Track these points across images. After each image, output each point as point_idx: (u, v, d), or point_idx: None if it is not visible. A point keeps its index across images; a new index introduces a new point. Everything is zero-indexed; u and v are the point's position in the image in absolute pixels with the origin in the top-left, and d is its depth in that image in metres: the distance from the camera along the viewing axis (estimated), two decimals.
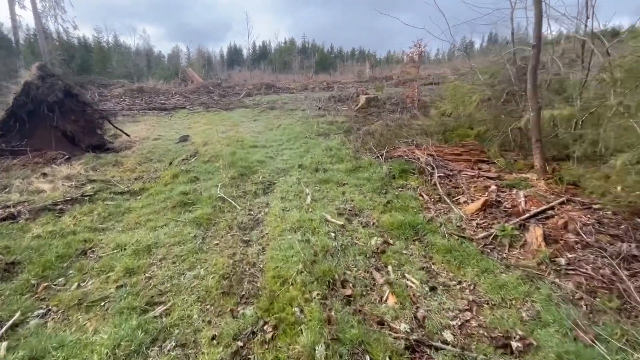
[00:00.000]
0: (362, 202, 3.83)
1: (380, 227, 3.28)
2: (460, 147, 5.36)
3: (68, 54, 37.41)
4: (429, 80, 13.88)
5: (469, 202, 3.46)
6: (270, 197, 4.26)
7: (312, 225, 3.28)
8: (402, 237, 3.04)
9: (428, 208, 3.53)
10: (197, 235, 3.23)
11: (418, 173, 4.50)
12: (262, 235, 3.28)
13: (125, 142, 7.81)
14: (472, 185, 3.83)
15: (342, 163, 5.34)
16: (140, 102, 14.46)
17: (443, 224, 3.13)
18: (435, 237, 2.98)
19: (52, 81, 6.18)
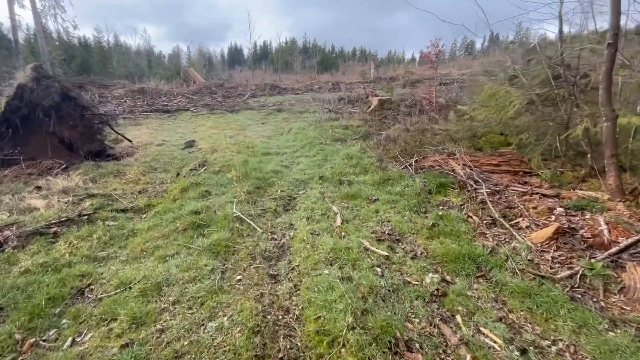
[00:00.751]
0: (402, 224, 3.33)
1: (431, 257, 2.77)
2: (497, 157, 4.85)
3: (68, 54, 36.93)
4: (438, 81, 13.37)
5: (532, 227, 2.96)
6: (292, 215, 3.75)
7: (350, 255, 2.77)
8: (461, 273, 2.54)
9: (483, 234, 3.02)
10: (215, 269, 2.72)
11: (459, 188, 3.99)
12: (292, 267, 2.77)
13: (127, 147, 7.32)
14: (528, 205, 3.32)
15: (367, 174, 4.83)
16: (142, 104, 13.96)
17: (510, 256, 2.62)
18: (504, 273, 2.48)
19: (48, 83, 5.67)
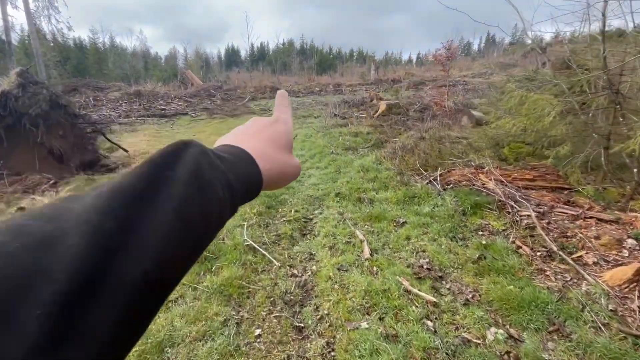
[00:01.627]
0: (440, 255, 2.89)
1: (486, 303, 2.33)
2: (531, 171, 4.42)
3: (62, 55, 36.31)
4: (447, 83, 12.97)
5: (602, 264, 2.52)
6: (311, 243, 3.30)
7: (390, 300, 2.32)
8: (529, 327, 2.09)
9: (541, 270, 2.58)
10: (228, 319, 2.26)
11: (497, 209, 3.55)
12: (320, 315, 2.31)
13: (123, 157, 6.83)
14: (587, 233, 2.89)
15: (388, 190, 4.39)
16: (138, 108, 13.45)
17: (585, 304, 2.18)
18: (584, 328, 2.03)
19: (35, 90, 5.19)
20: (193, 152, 0.27)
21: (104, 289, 0.18)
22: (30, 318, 0.16)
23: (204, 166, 0.27)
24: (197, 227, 0.25)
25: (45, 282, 0.17)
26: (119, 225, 0.20)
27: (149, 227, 0.21)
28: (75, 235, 0.19)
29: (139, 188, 0.23)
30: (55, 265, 0.17)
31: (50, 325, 0.16)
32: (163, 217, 0.22)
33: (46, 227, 0.19)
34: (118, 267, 0.19)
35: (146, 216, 0.22)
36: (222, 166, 0.29)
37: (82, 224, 0.19)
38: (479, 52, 61.96)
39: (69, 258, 0.18)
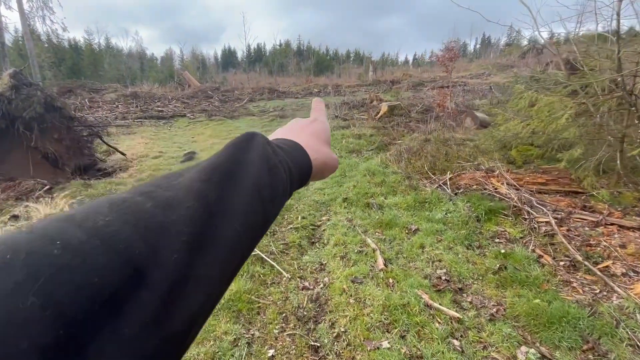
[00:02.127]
0: (458, 265, 2.75)
1: (512, 318, 2.19)
2: (542, 174, 4.31)
3: (57, 56, 35.88)
4: (449, 84, 12.90)
5: (631, 275, 2.40)
6: (321, 252, 3.15)
7: (411, 316, 2.18)
8: (561, 345, 1.96)
9: (567, 282, 2.45)
10: (238, 338, 2.11)
11: (512, 215, 3.43)
12: (336, 333, 2.16)
13: (120, 160, 6.65)
14: (611, 241, 2.77)
15: (396, 195, 4.26)
16: (135, 110, 13.24)
17: (619, 320, 2.05)
18: (619, 347, 1.91)
19: (28, 92, 5.00)
20: (260, 140, 0.32)
21: (212, 242, 0.23)
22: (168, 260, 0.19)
23: (269, 152, 0.32)
24: (267, 201, 0.29)
25: (175, 233, 0.21)
26: (218, 195, 0.25)
27: (237, 197, 0.26)
28: (190, 199, 0.23)
29: (227, 166, 0.28)
30: (179, 220, 0.21)
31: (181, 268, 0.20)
32: (246, 190, 0.27)
33: (166, 193, 0.23)
34: (219, 226, 0.24)
35: (234, 189, 0.26)
36: (282, 153, 0.34)
37: (192, 192, 0.24)
38: (475, 53, 62.25)
39: (189, 217, 0.22)
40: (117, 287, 0.17)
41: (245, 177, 0.28)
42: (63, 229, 0.18)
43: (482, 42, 70.24)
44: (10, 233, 0.18)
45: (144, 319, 0.18)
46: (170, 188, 0.24)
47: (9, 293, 0.15)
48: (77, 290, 0.16)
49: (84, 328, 0.15)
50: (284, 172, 0.32)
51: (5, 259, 0.16)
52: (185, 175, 0.26)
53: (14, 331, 0.14)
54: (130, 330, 0.17)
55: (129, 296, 0.17)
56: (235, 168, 0.28)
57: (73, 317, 0.15)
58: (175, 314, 0.19)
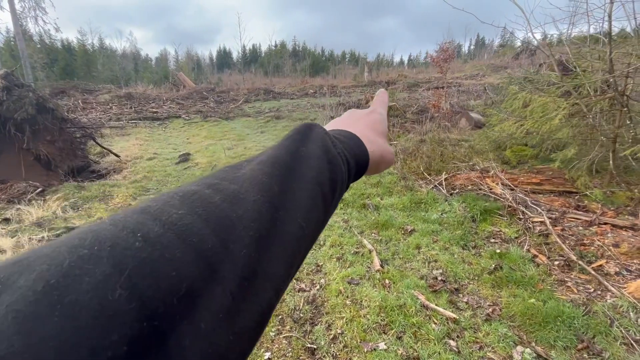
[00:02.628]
0: (454, 266, 2.76)
1: (508, 318, 2.20)
2: (537, 174, 4.35)
3: (50, 57, 35.49)
4: (443, 85, 12.96)
5: (624, 274, 2.42)
6: (317, 253, 3.14)
7: (408, 317, 2.18)
8: (557, 344, 1.97)
9: (562, 282, 2.47)
10: None
11: (507, 215, 3.45)
12: (333, 335, 2.16)
13: (114, 162, 6.58)
14: (604, 241, 2.79)
15: (392, 195, 4.27)
16: (129, 111, 13.12)
17: (614, 319, 2.07)
18: (614, 345, 1.92)
19: (20, 93, 4.93)
20: (318, 132, 0.31)
21: (278, 237, 0.22)
22: (238, 255, 0.19)
23: (329, 144, 0.31)
24: (328, 194, 0.29)
25: (243, 228, 0.21)
26: (281, 189, 0.24)
27: (299, 191, 0.25)
28: (255, 193, 0.23)
29: (288, 160, 0.27)
30: (246, 214, 0.21)
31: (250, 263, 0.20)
32: (307, 184, 0.27)
33: (232, 186, 0.23)
34: (284, 221, 0.23)
35: (297, 182, 0.26)
36: (340, 145, 0.33)
37: (256, 185, 0.24)
38: (470, 54, 62.70)
39: (256, 211, 0.22)
40: (192, 281, 0.17)
41: (306, 170, 0.27)
42: (141, 221, 0.18)
43: (477, 43, 70.79)
44: (93, 224, 0.18)
45: (218, 313, 0.17)
46: (235, 181, 0.24)
47: (99, 284, 0.15)
48: (158, 283, 0.16)
49: (164, 321, 0.15)
50: (343, 165, 0.32)
51: (93, 250, 0.16)
52: (246, 167, 0.26)
53: (106, 323, 0.14)
54: (205, 325, 0.17)
55: (203, 290, 0.17)
56: (296, 161, 0.27)
57: (154, 309, 0.15)
58: (246, 310, 0.19)
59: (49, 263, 0.15)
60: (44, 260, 0.15)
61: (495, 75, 17.96)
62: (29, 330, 0.13)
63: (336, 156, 0.31)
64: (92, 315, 0.14)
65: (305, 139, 0.30)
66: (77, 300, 0.14)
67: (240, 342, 0.19)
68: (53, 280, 0.14)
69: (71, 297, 0.14)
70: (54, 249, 0.16)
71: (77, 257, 0.15)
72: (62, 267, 0.15)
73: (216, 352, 0.17)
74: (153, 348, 0.15)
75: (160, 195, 0.21)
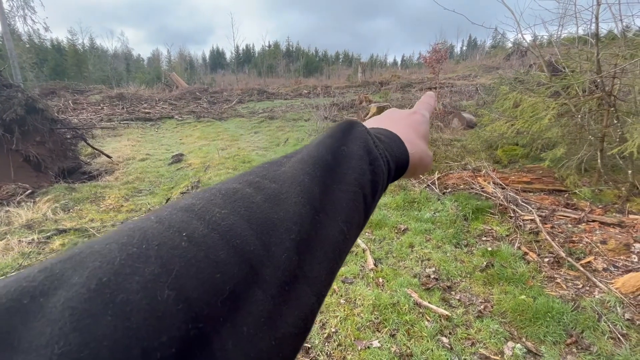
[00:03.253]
0: (446, 264, 2.79)
1: (499, 314, 2.23)
2: (527, 173, 4.42)
3: (39, 57, 34.90)
4: (434, 85, 13.08)
5: (611, 270, 2.48)
6: None
7: (401, 315, 2.20)
8: (546, 339, 2.01)
9: (551, 278, 2.52)
10: None
11: (498, 213, 3.50)
12: (327, 334, 2.17)
13: (106, 163, 6.51)
14: (592, 238, 2.85)
15: (386, 194, 4.29)
16: (121, 111, 12.99)
17: (601, 314, 2.11)
18: (601, 339, 1.96)
19: (8, 94, 4.85)
20: (360, 130, 0.31)
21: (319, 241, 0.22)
22: (280, 258, 0.19)
23: (370, 143, 0.30)
24: (369, 196, 0.28)
25: (285, 230, 0.20)
26: (322, 190, 0.24)
27: (339, 192, 0.25)
28: (296, 194, 0.22)
29: (329, 159, 0.26)
30: (287, 216, 0.21)
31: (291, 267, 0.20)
32: (349, 186, 0.26)
33: (273, 185, 0.23)
34: (324, 224, 0.23)
35: (338, 184, 0.25)
36: (382, 145, 0.32)
37: (297, 185, 0.23)
38: (462, 54, 63.33)
39: (297, 214, 0.22)
40: (235, 283, 0.17)
41: (348, 171, 0.26)
42: (186, 220, 0.18)
43: (469, 44, 71.53)
44: (138, 220, 0.18)
45: (260, 317, 0.17)
46: (275, 179, 0.23)
47: (148, 284, 0.14)
48: (203, 284, 0.16)
49: (208, 323, 0.15)
50: (384, 166, 0.30)
51: (142, 249, 0.16)
52: (287, 164, 0.25)
53: (156, 323, 0.14)
54: (247, 328, 0.17)
55: (246, 293, 0.17)
56: (337, 161, 0.26)
57: (199, 311, 0.15)
58: (288, 315, 0.19)
59: (101, 260, 0.15)
60: (96, 257, 0.15)
61: (487, 76, 18.22)
62: (85, 328, 0.13)
63: (378, 157, 0.30)
64: (142, 315, 0.14)
65: (347, 137, 0.29)
66: (128, 299, 0.14)
67: (282, 348, 0.18)
68: (105, 278, 0.14)
69: (122, 296, 0.14)
70: (105, 246, 0.16)
71: (126, 255, 0.15)
72: (113, 265, 0.15)
73: (258, 357, 0.17)
74: (198, 350, 0.15)
75: (202, 192, 0.21)
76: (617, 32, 4.47)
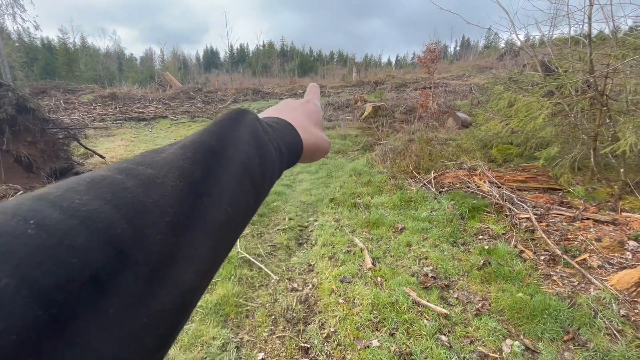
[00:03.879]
0: (444, 262, 2.80)
1: (497, 312, 2.25)
2: (522, 172, 4.46)
3: (29, 56, 34.32)
4: (428, 85, 13.12)
5: (606, 267, 2.51)
6: (309, 253, 3.15)
7: (400, 314, 2.20)
8: (544, 336, 2.03)
9: (548, 276, 2.54)
10: (227, 343, 2.07)
11: (494, 212, 3.53)
12: (326, 334, 2.16)
13: (99, 163, 6.42)
14: (587, 235, 2.89)
15: (382, 194, 4.30)
16: (114, 111, 12.81)
17: (597, 310, 2.14)
18: (597, 336, 1.99)
19: None
20: (249, 117, 0.31)
21: (200, 222, 0.22)
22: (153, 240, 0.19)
23: (259, 130, 0.31)
24: (258, 180, 0.29)
25: (159, 213, 0.20)
26: (204, 173, 0.24)
27: (225, 176, 0.25)
28: (174, 178, 0.22)
29: (213, 145, 0.26)
30: (163, 200, 0.21)
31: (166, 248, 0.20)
32: (234, 169, 0.26)
33: (148, 171, 0.22)
34: (207, 206, 0.23)
35: (222, 167, 0.25)
36: (272, 132, 0.33)
37: (175, 169, 0.23)
38: (455, 55, 63.77)
39: (173, 197, 0.21)
40: (98, 267, 0.17)
41: (233, 155, 0.27)
42: (37, 208, 0.17)
43: (462, 44, 72.03)
44: None
45: (129, 298, 0.17)
46: (152, 165, 0.23)
47: None
48: (54, 270, 0.15)
49: (63, 308, 0.15)
50: (275, 151, 0.32)
51: None
52: (167, 151, 0.25)
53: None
54: (115, 311, 0.17)
55: (112, 277, 0.17)
56: (221, 146, 0.26)
57: (51, 297, 0.15)
58: (163, 293, 0.19)
59: None
60: None
61: (481, 76, 18.37)
62: None
63: (267, 143, 0.31)
64: None
65: (235, 124, 0.29)
66: None
67: (158, 324, 0.19)
68: None
69: None
70: None
71: None
72: None
73: (129, 335, 0.17)
74: (50, 336, 0.15)
75: (63, 182, 0.20)
76: (609, 33, 4.53)
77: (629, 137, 3.41)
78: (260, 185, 0.29)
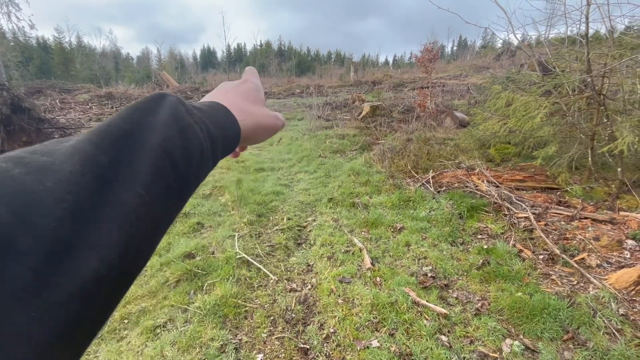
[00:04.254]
0: (443, 262, 2.80)
1: (496, 312, 2.25)
2: (520, 171, 4.46)
3: (25, 55, 34.05)
4: (426, 85, 13.14)
5: (605, 266, 2.51)
6: (308, 253, 3.13)
7: (399, 314, 2.20)
8: (544, 336, 2.02)
9: (547, 275, 2.54)
10: (225, 344, 2.05)
11: (493, 211, 3.53)
12: (325, 334, 2.15)
13: None
14: (585, 235, 2.89)
15: (381, 194, 4.29)
16: (111, 110, 12.74)
17: (596, 310, 2.14)
18: (597, 335, 1.99)
19: None
20: (171, 100, 0.30)
21: (106, 207, 0.21)
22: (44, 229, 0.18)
23: (182, 112, 0.30)
24: (181, 164, 0.27)
25: (54, 200, 0.19)
26: (111, 157, 0.23)
27: (137, 159, 0.24)
28: (74, 164, 0.21)
29: (126, 129, 0.25)
30: (59, 186, 0.20)
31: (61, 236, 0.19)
32: (150, 152, 0.25)
33: (42, 159, 0.21)
34: (114, 190, 0.22)
35: (133, 151, 0.24)
36: (199, 114, 0.31)
37: (77, 155, 0.22)
38: (452, 55, 63.94)
39: (72, 182, 0.20)
40: None
41: (148, 138, 0.25)
42: None
43: (459, 44, 72.26)
44: None
45: (15, 291, 0.17)
46: (49, 153, 0.22)
47: None
48: None
49: None
50: (201, 133, 0.30)
51: None
52: (74, 139, 0.24)
53: None
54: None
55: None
56: (133, 129, 0.25)
57: None
58: (58, 284, 0.18)
59: None
60: None
61: (478, 76, 18.43)
62: None
63: (191, 124, 0.30)
64: None
65: (154, 108, 0.28)
66: None
67: (52, 316, 0.18)
68: None
69: None
70: None
71: None
72: None
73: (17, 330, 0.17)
74: None
75: None
76: (606, 32, 4.55)
77: (626, 136, 3.42)
78: (186, 169, 0.28)
